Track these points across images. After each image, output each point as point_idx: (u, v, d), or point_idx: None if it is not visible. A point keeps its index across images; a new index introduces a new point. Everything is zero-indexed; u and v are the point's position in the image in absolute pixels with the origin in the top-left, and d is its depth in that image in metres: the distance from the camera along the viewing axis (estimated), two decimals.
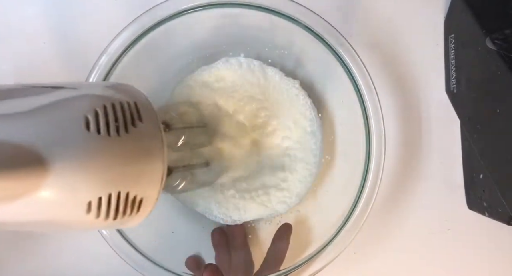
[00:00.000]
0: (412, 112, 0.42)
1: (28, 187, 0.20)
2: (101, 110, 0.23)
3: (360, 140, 0.34)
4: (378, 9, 0.41)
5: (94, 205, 0.22)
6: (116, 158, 0.23)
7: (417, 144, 0.42)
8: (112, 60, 0.34)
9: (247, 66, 0.39)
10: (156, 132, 0.26)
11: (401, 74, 0.42)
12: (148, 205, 0.25)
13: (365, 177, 0.34)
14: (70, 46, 0.43)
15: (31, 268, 0.45)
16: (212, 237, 0.40)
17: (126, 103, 0.24)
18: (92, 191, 0.22)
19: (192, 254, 0.39)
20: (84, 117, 0.22)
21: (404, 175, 0.42)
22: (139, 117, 0.25)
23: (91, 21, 0.43)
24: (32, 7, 0.43)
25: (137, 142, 0.24)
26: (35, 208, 0.21)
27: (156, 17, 0.34)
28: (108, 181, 0.22)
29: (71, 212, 0.22)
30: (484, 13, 0.34)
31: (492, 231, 0.41)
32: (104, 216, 0.23)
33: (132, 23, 0.34)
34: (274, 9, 0.33)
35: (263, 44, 0.38)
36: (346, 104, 0.36)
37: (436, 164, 0.42)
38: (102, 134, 0.22)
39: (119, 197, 0.23)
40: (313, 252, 0.35)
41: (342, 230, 0.34)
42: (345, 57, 0.33)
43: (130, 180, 0.24)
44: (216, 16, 0.35)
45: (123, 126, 0.23)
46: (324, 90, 0.39)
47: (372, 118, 0.34)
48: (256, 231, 0.41)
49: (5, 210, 0.21)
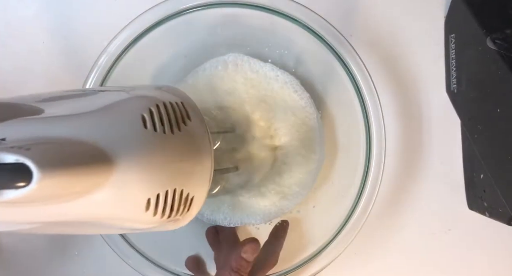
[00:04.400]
0: (413, 112, 0.42)
1: (96, 183, 0.20)
2: (155, 109, 0.24)
3: (360, 140, 0.34)
4: (378, 9, 0.41)
5: (152, 202, 0.22)
6: (171, 155, 0.24)
7: (418, 144, 0.42)
8: (112, 59, 0.34)
9: (240, 65, 0.38)
10: (204, 130, 0.27)
11: (401, 74, 0.41)
12: (197, 204, 0.26)
13: (366, 178, 0.34)
14: (69, 46, 0.43)
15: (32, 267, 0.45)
16: (207, 237, 0.40)
17: (175, 102, 0.25)
18: (152, 188, 0.22)
19: (192, 254, 0.39)
20: (141, 116, 0.23)
21: (405, 175, 0.42)
22: (188, 115, 0.26)
23: (91, 21, 0.43)
24: (32, 7, 0.43)
25: (189, 139, 0.25)
26: (98, 205, 0.21)
27: (156, 16, 0.34)
28: (165, 177, 0.23)
29: (132, 209, 0.22)
30: (484, 13, 0.34)
31: (493, 231, 0.41)
32: (160, 213, 0.23)
33: (132, 23, 0.34)
34: (275, 8, 0.33)
35: (263, 43, 0.38)
36: (346, 104, 0.36)
37: (437, 164, 0.42)
38: (158, 131, 0.23)
39: (174, 194, 0.24)
40: (313, 252, 0.35)
41: (342, 230, 0.34)
42: (346, 57, 0.33)
43: (184, 177, 0.24)
44: (216, 15, 0.35)
45: (175, 124, 0.24)
46: (324, 90, 0.39)
47: (372, 118, 0.34)
48: (256, 231, 0.41)
49: (70, 208, 0.20)
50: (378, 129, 0.33)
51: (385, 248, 0.42)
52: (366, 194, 0.34)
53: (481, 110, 0.35)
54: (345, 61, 0.33)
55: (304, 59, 0.39)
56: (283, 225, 0.39)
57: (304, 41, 0.34)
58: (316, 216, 0.40)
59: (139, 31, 0.34)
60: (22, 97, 0.23)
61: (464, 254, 0.42)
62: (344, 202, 0.35)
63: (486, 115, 0.35)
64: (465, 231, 0.42)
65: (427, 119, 0.42)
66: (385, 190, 0.42)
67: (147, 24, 0.34)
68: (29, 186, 0.17)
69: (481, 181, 0.38)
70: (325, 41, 0.33)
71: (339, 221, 0.35)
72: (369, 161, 0.34)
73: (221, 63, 0.38)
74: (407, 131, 0.42)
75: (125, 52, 0.34)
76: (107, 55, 0.34)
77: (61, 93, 0.25)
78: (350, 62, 0.33)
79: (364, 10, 0.41)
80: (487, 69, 0.33)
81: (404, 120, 0.42)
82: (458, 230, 0.42)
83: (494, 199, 0.36)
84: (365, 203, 0.34)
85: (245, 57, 0.38)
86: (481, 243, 0.42)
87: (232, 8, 0.34)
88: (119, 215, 0.22)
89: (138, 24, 0.34)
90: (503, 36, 0.32)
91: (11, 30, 0.44)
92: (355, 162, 0.35)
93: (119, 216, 0.22)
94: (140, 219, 0.23)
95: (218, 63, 0.38)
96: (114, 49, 0.34)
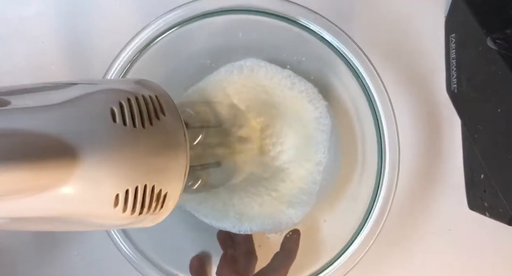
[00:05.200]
0: (413, 112, 0.42)
1: (58, 178, 0.20)
2: (125, 103, 0.23)
3: (373, 147, 0.34)
4: (378, 9, 0.41)
5: (121, 198, 0.22)
6: (142, 150, 0.23)
7: (418, 144, 0.42)
8: (127, 62, 0.34)
9: (256, 71, 0.38)
10: (179, 126, 0.26)
11: (402, 74, 0.41)
12: (171, 201, 0.25)
13: (377, 194, 0.34)
14: (70, 46, 0.43)
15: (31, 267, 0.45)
16: (219, 239, 0.39)
17: (148, 96, 0.25)
18: (120, 183, 0.22)
19: (197, 254, 0.39)
20: (110, 109, 0.22)
21: (405, 175, 0.42)
22: (162, 110, 0.25)
23: (91, 21, 0.43)
24: (32, 7, 0.43)
25: (161, 134, 0.24)
26: (63, 201, 0.21)
27: (172, 21, 0.34)
28: (135, 173, 0.22)
29: (99, 205, 0.22)
30: (485, 13, 0.34)
31: (493, 231, 0.41)
32: (130, 210, 0.22)
33: (147, 27, 0.34)
34: (287, 16, 0.33)
35: (280, 49, 0.38)
36: (355, 108, 0.36)
37: (437, 164, 0.42)
38: (127, 125, 0.22)
39: (145, 190, 0.23)
40: (322, 267, 0.35)
41: (353, 244, 0.34)
42: (356, 64, 0.33)
43: (155, 173, 0.24)
44: (235, 20, 0.35)
45: (147, 118, 0.23)
46: (329, 93, 0.39)
47: (386, 130, 0.33)
48: (267, 241, 0.40)
49: (33, 203, 0.20)
50: (392, 138, 0.33)
51: (385, 247, 0.42)
52: (378, 210, 0.34)
53: (481, 110, 0.35)
54: (356, 69, 0.33)
55: (322, 66, 0.38)
56: (294, 236, 0.38)
57: (320, 50, 0.34)
58: (326, 229, 0.39)
59: (154, 34, 0.34)
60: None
61: (464, 254, 0.42)
62: (356, 215, 0.35)
63: (486, 115, 0.34)
64: (465, 231, 0.42)
65: (427, 119, 0.42)
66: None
67: (162, 28, 0.34)
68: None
69: (481, 181, 0.38)
70: (328, 43, 0.33)
71: (352, 231, 0.34)
72: (382, 171, 0.33)
73: (236, 68, 0.38)
74: (407, 131, 0.42)
75: (139, 55, 0.34)
76: (121, 59, 0.34)
77: (32, 85, 0.24)
78: (362, 71, 0.33)
79: (364, 10, 0.41)
80: (488, 69, 0.33)
81: (404, 120, 0.42)
82: (458, 230, 0.42)
83: (494, 199, 0.36)
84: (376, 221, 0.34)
85: (262, 63, 0.37)
86: (481, 243, 0.42)
87: (237, 15, 0.34)
88: (86, 211, 0.22)
89: (154, 28, 0.34)
90: (504, 36, 0.32)
91: (11, 30, 0.44)
92: (367, 169, 0.35)
93: (87, 212, 0.22)
94: (109, 215, 0.22)
95: (234, 68, 0.38)
96: (131, 51, 0.34)
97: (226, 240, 0.39)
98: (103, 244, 0.35)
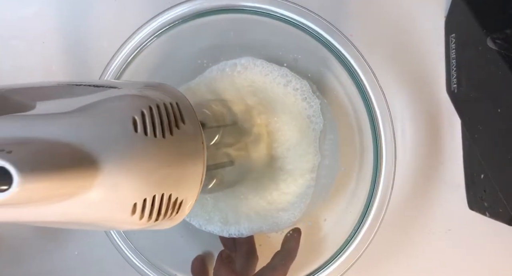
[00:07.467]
0: (413, 112, 0.42)
1: (80, 187, 0.20)
2: (147, 111, 0.23)
3: (369, 145, 0.34)
4: (378, 8, 0.41)
5: (139, 207, 0.22)
6: (161, 160, 0.23)
7: (418, 144, 0.42)
8: (124, 62, 0.35)
9: (250, 69, 0.38)
10: (197, 133, 0.26)
11: (401, 74, 0.41)
12: (186, 207, 0.25)
13: (373, 192, 0.34)
14: (70, 46, 0.43)
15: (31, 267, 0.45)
16: (220, 237, 0.39)
17: (169, 104, 0.25)
18: (139, 193, 0.22)
19: (199, 254, 0.39)
20: (132, 118, 0.22)
21: (404, 175, 0.42)
22: (182, 118, 0.25)
23: (91, 21, 0.43)
24: (32, 7, 0.43)
25: (180, 144, 0.24)
26: (83, 208, 0.21)
27: (168, 20, 0.34)
28: (154, 183, 0.23)
29: (117, 213, 0.22)
30: (485, 13, 0.34)
31: (493, 231, 0.41)
32: (147, 217, 0.23)
33: (143, 27, 0.34)
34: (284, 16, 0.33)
35: (277, 47, 0.38)
36: (352, 107, 0.36)
37: (437, 164, 0.42)
38: (148, 135, 0.22)
39: (162, 199, 0.23)
40: (321, 265, 0.35)
41: (352, 243, 0.34)
42: (354, 65, 0.33)
43: (173, 182, 0.24)
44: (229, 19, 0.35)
45: (167, 128, 0.24)
46: (327, 92, 0.39)
47: (382, 132, 0.33)
48: (267, 240, 0.40)
49: (53, 209, 0.20)
50: (390, 141, 0.33)
51: (385, 248, 0.42)
52: (374, 210, 0.34)
53: (481, 110, 0.35)
54: (352, 69, 0.33)
55: (318, 64, 0.38)
56: (294, 235, 0.38)
57: (314, 47, 0.34)
58: (327, 228, 0.39)
59: (151, 34, 0.34)
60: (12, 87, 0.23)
61: (464, 254, 0.42)
62: (353, 215, 0.35)
63: (487, 115, 0.34)
64: (465, 231, 0.42)
65: (427, 119, 0.42)
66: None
67: (159, 28, 0.34)
68: (9, 190, 0.17)
69: (481, 181, 0.38)
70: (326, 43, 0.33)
71: (349, 231, 0.34)
72: (378, 174, 0.33)
73: (229, 66, 0.38)
74: (407, 131, 0.42)
75: (137, 54, 0.35)
76: (118, 59, 0.34)
77: (55, 85, 0.24)
78: (358, 70, 0.33)
79: (364, 10, 0.41)
80: (488, 69, 0.33)
81: (404, 120, 0.42)
82: (458, 230, 0.42)
83: (494, 199, 0.36)
84: (373, 220, 0.34)
85: (258, 61, 0.37)
86: (481, 243, 0.42)
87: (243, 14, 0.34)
88: (104, 217, 0.22)
89: (150, 26, 0.34)
90: (504, 36, 0.32)
91: (11, 30, 0.44)
92: (364, 170, 0.35)
93: (104, 218, 0.22)
94: (126, 221, 0.23)
95: (226, 66, 0.38)
96: (128, 50, 0.34)
97: (228, 240, 0.39)
98: (103, 243, 0.35)
